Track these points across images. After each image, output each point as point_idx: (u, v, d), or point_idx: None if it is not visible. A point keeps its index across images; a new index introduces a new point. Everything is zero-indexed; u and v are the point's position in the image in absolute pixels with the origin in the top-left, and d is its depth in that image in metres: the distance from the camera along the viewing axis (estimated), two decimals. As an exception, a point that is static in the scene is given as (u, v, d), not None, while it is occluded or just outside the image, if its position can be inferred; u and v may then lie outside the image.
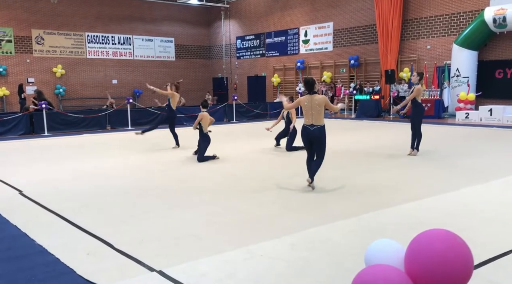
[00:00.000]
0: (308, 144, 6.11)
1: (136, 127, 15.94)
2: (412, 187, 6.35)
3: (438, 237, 2.17)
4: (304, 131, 6.04)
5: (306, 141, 6.10)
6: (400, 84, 19.07)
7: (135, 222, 4.89)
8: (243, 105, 19.56)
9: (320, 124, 6.01)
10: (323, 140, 6.07)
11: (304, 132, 6.04)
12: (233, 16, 28.33)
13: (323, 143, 6.08)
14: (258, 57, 27.12)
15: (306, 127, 6.02)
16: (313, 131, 5.97)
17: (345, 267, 3.53)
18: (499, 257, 3.70)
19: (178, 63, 28.61)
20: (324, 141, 6.09)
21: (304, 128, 6.05)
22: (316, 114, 5.96)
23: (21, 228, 4.70)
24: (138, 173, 7.68)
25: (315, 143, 6.05)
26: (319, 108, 5.96)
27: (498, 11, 15.91)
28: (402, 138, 11.90)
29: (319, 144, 6.06)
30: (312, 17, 23.70)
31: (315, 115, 5.97)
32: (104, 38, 25.59)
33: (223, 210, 5.31)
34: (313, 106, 5.96)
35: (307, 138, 6.06)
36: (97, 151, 10.42)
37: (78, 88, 24.93)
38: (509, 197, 5.70)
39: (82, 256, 3.90)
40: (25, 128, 14.28)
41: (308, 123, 6.01)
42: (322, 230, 4.47)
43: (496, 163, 8.07)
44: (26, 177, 7.46)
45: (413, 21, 19.47)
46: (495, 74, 17.04)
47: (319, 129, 5.99)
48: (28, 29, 23.09)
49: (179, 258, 3.81)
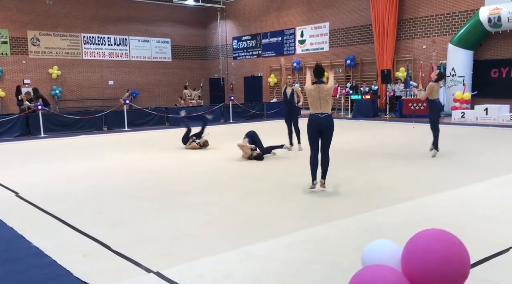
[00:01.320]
0: (316, 134, 5.91)
1: (132, 128, 15.93)
2: (409, 186, 6.36)
3: (434, 237, 2.18)
4: (313, 119, 5.84)
5: (315, 130, 5.88)
6: (396, 84, 19.13)
7: (132, 223, 4.88)
8: (239, 106, 19.56)
9: (329, 112, 5.88)
10: (332, 128, 5.91)
11: (313, 120, 5.84)
12: (229, 16, 28.33)
13: (331, 131, 5.91)
14: (255, 58, 27.13)
15: (315, 114, 5.83)
16: (323, 118, 5.81)
17: (342, 267, 3.54)
18: (495, 256, 3.72)
19: (174, 64, 28.59)
20: (333, 130, 5.92)
21: (313, 115, 5.84)
22: (324, 103, 5.85)
23: (17, 230, 4.68)
24: (134, 174, 7.66)
25: (324, 132, 5.87)
26: (327, 97, 5.86)
27: (493, 11, 15.97)
28: (398, 138, 11.94)
29: (328, 132, 5.89)
30: (308, 17, 23.73)
31: (323, 104, 5.85)
32: (100, 39, 25.54)
33: (220, 210, 5.31)
34: (322, 95, 5.84)
35: (315, 127, 5.86)
36: (93, 152, 10.40)
37: (75, 89, 24.87)
38: (506, 196, 5.73)
39: (79, 257, 3.89)
40: (21, 130, 14.22)
41: (317, 111, 5.86)
42: (319, 230, 4.47)
43: (492, 162, 8.10)
44: (22, 178, 7.44)
45: (408, 21, 19.52)
46: (490, 73, 17.11)
47: (328, 116, 5.85)
48: (23, 30, 23.01)
49: (176, 259, 3.81)
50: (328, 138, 5.96)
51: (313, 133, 5.94)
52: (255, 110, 19.63)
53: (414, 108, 17.41)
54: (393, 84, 19.05)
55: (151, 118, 16.92)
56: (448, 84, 17.42)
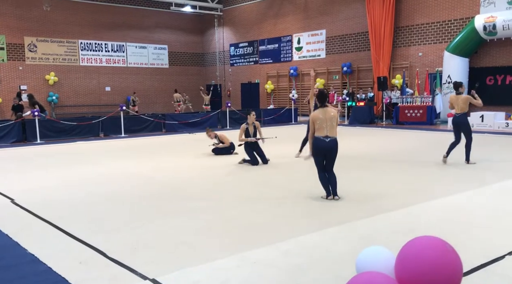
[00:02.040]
0: (322, 157, 6.07)
1: (129, 134, 15.92)
2: (405, 193, 6.39)
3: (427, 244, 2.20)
4: (319, 143, 5.99)
5: (320, 153, 6.05)
6: (392, 91, 19.22)
7: (127, 230, 4.88)
8: (236, 112, 19.59)
9: (335, 136, 6.03)
10: (337, 150, 6.08)
11: (319, 144, 5.99)
12: (227, 23, 28.45)
13: (336, 153, 6.08)
14: (252, 64, 27.22)
15: (321, 139, 5.97)
16: (328, 143, 5.96)
17: (338, 274, 3.54)
18: (491, 263, 3.73)
19: (171, 70, 28.64)
20: (337, 152, 6.10)
21: (319, 140, 5.98)
22: (331, 127, 5.99)
23: (12, 237, 4.67)
24: (131, 181, 7.66)
25: (329, 155, 6.03)
26: (333, 121, 6.00)
27: (488, 19, 16.12)
28: (395, 145, 11.98)
29: (332, 155, 6.06)
30: (305, 25, 23.86)
31: (329, 127, 5.98)
32: (97, 45, 25.58)
33: (216, 217, 5.31)
34: (327, 118, 5.97)
35: (321, 150, 6.02)
36: (90, 159, 10.38)
37: (71, 95, 24.85)
38: (501, 203, 5.75)
39: (74, 265, 3.88)
40: (17, 136, 14.19)
41: (322, 135, 5.98)
42: (315, 237, 4.48)
43: (488, 169, 8.13)
44: (18, 185, 7.42)
45: (404, 29, 19.66)
46: (486, 80, 17.22)
47: (334, 140, 6.01)
48: (20, 36, 23.03)
49: (172, 266, 3.81)
50: (332, 160, 6.12)
51: (319, 156, 6.07)
52: (252, 117, 19.64)
53: (411, 115, 17.50)
54: (390, 91, 19.15)
55: (147, 125, 16.92)
56: (444, 91, 17.53)
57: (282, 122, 20.34)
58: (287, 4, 24.57)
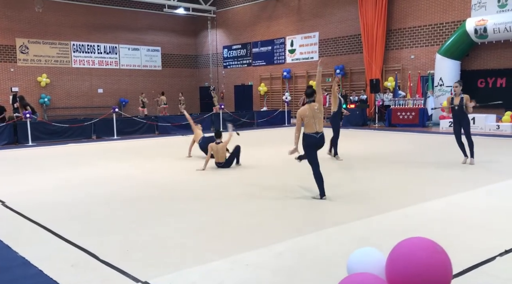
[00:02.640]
0: (315, 152, 6.20)
1: (121, 136, 15.86)
2: (398, 194, 6.42)
3: (417, 245, 2.22)
4: (312, 140, 6.08)
5: (313, 149, 6.17)
6: (385, 93, 19.32)
7: (120, 232, 4.86)
8: (230, 114, 19.59)
9: (322, 131, 6.18)
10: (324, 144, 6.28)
11: (312, 140, 6.08)
12: (220, 25, 28.46)
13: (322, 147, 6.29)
14: (245, 67, 27.24)
15: (312, 135, 6.07)
16: (319, 138, 6.10)
17: (331, 276, 3.55)
18: (483, 264, 3.76)
19: (164, 72, 28.59)
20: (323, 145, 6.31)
21: (311, 137, 6.06)
22: (319, 120, 6.09)
23: (3, 239, 4.63)
24: (123, 183, 7.63)
25: (319, 148, 6.22)
26: (319, 113, 6.08)
27: (479, 22, 16.27)
28: (388, 147, 12.04)
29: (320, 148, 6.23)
30: (298, 27, 23.93)
31: (318, 122, 6.09)
32: (89, 47, 25.47)
33: (210, 219, 5.30)
34: (315, 113, 6.05)
35: (314, 146, 6.14)
36: (82, 161, 10.33)
37: (63, 97, 24.71)
38: (493, 204, 5.80)
39: (66, 267, 3.86)
40: (8, 138, 14.07)
41: (312, 131, 6.07)
42: (308, 239, 4.49)
43: (480, 170, 8.20)
44: (9, 187, 7.36)
45: (397, 31, 19.78)
46: (477, 83, 17.36)
47: (323, 135, 6.17)
48: (12, 38, 22.87)
49: (165, 268, 3.80)
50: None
51: (312, 150, 6.18)
52: (245, 119, 19.68)
53: (403, 117, 17.60)
54: (382, 94, 19.24)
55: (140, 127, 16.87)
56: (436, 93, 17.65)
57: (276, 124, 20.38)
58: (281, 6, 24.64)
